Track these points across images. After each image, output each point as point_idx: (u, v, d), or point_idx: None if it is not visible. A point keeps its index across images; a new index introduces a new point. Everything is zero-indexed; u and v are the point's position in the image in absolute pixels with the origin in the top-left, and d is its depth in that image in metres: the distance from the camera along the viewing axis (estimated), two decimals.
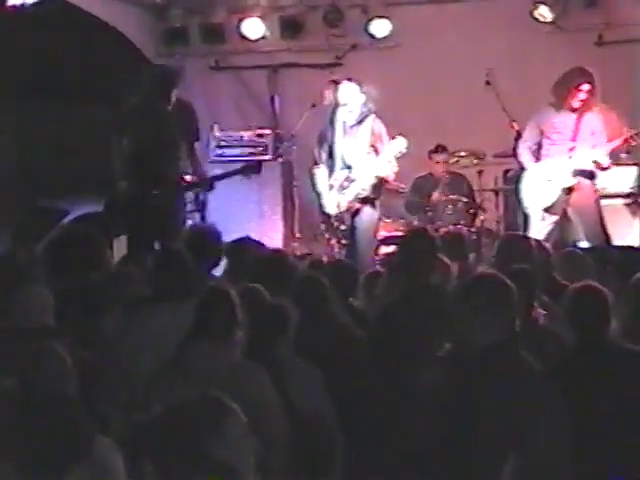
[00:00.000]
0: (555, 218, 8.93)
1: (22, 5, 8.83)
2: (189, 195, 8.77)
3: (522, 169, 9.14)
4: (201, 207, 9.98)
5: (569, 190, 8.88)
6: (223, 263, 6.66)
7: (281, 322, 5.04)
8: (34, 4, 8.83)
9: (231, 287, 5.01)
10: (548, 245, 7.24)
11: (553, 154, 8.91)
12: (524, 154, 9.06)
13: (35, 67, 10.77)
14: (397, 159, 8.72)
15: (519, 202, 9.19)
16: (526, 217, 9.14)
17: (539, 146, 9.01)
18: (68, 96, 11.17)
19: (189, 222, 9.00)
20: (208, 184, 8.53)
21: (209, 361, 4.62)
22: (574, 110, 8.83)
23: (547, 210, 8.92)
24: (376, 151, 8.77)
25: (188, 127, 8.33)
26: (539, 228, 8.86)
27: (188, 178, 8.51)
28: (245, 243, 6.90)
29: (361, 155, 8.80)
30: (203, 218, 10.09)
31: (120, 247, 8.65)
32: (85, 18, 10.23)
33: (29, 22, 9.30)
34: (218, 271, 6.68)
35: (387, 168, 8.75)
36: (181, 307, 5.05)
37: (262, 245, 7.04)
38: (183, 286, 5.41)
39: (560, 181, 8.85)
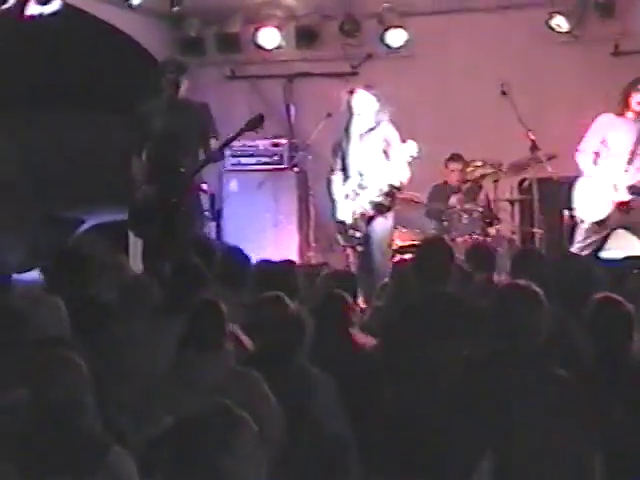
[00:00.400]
0: (605, 232, 8.70)
1: (40, 15, 8.88)
2: (205, 204, 8.75)
3: (575, 177, 8.87)
4: (216, 216, 10.01)
5: (623, 205, 8.63)
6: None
7: (298, 331, 5.05)
8: (51, 14, 8.87)
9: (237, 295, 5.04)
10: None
11: (609, 166, 8.66)
12: (586, 162, 8.75)
13: (47, 75, 10.81)
14: (409, 164, 8.67)
15: (570, 210, 9.00)
16: (574, 226, 8.95)
17: (596, 155, 8.73)
18: (81, 104, 11.21)
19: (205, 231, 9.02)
20: (218, 154, 8.34)
21: (202, 371, 4.65)
22: (636, 117, 8.64)
23: (598, 224, 8.67)
24: (388, 157, 8.75)
25: (205, 127, 8.29)
26: (586, 239, 8.68)
27: (205, 187, 8.47)
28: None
29: (373, 161, 8.77)
30: (218, 227, 10.13)
31: (136, 254, 8.68)
32: (99, 26, 10.27)
33: (44, 30, 9.35)
34: None
35: (399, 173, 8.70)
36: None
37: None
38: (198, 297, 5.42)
39: (613, 195, 8.61)
